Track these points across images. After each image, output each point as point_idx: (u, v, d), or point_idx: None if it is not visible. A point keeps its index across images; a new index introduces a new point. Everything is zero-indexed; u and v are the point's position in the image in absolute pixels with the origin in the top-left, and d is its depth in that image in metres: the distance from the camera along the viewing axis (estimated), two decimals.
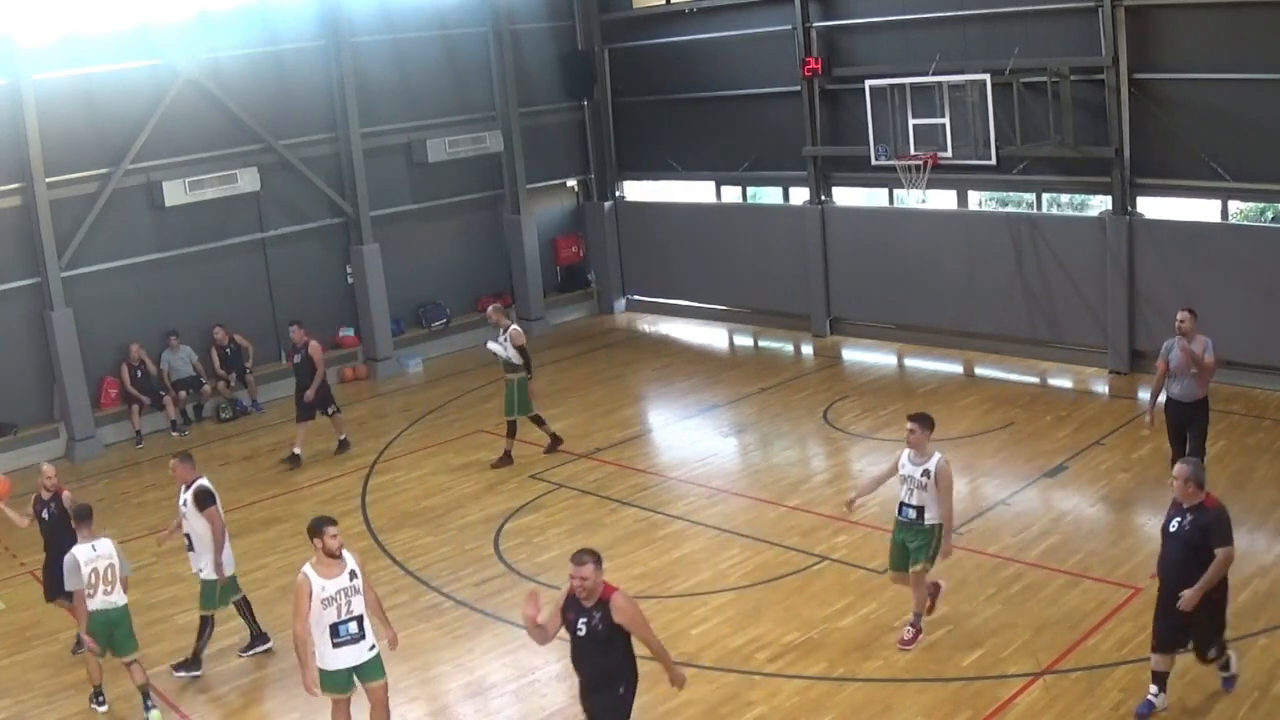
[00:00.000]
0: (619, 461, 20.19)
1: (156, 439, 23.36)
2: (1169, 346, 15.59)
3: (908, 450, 12.95)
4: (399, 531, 17.80)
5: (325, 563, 10.86)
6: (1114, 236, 21.98)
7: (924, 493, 12.70)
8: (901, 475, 12.95)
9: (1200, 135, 20.90)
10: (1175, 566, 10.93)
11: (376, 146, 26.97)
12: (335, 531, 10.96)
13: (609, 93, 30.77)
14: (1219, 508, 10.90)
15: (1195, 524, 10.81)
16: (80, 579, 12.56)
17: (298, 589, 10.72)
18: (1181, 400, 15.67)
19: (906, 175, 23.14)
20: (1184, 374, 15.44)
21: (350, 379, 26.65)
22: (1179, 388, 15.63)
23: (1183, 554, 10.83)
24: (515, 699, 12.79)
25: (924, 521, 12.76)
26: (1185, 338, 15.26)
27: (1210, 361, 15.30)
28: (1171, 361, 15.50)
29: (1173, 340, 15.54)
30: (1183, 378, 15.51)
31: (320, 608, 10.69)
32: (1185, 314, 15.36)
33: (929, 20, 23.76)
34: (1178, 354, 15.42)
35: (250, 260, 25.49)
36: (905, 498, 12.89)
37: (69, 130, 22.47)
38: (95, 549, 12.71)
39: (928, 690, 12.28)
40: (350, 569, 10.90)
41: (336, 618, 10.73)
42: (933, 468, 12.68)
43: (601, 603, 9.78)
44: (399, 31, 27.24)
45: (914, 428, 12.89)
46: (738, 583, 15.20)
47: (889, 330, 26.21)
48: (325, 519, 11.11)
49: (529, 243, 29.50)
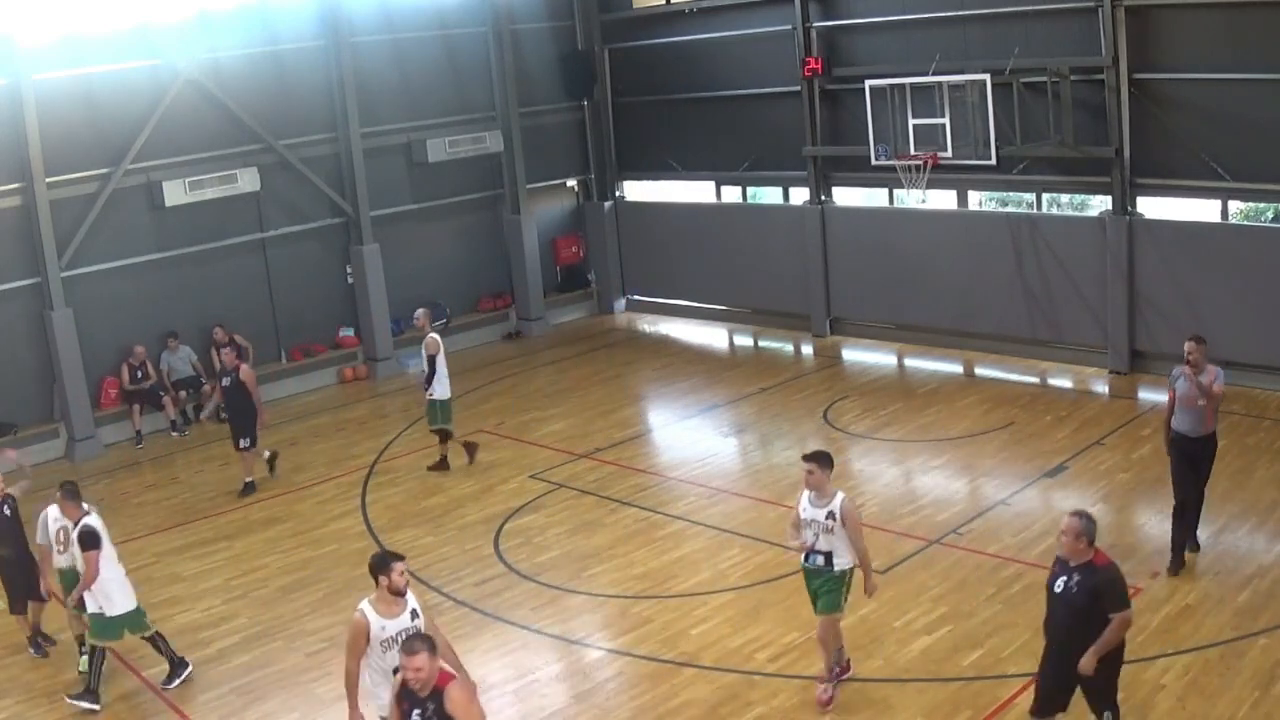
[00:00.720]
0: (619, 461, 20.18)
1: (157, 439, 23.37)
2: (1176, 375, 14.59)
3: (808, 493, 11.95)
4: (399, 531, 17.78)
5: (386, 600, 9.87)
6: (1114, 236, 21.98)
7: (831, 536, 11.80)
8: (804, 520, 11.98)
9: (1200, 135, 20.90)
10: (1061, 630, 10.08)
11: (376, 146, 26.97)
12: (403, 568, 9.91)
13: (609, 93, 30.79)
14: (1110, 566, 10.04)
15: (1083, 585, 9.89)
16: (48, 536, 13.65)
17: (354, 628, 9.85)
18: (1189, 435, 14.46)
19: (906, 175, 23.14)
20: (1192, 406, 14.31)
21: (350, 379, 26.66)
22: (1186, 421, 14.46)
23: (1069, 619, 9.96)
24: (515, 699, 12.79)
25: (833, 567, 11.88)
26: (1194, 369, 14.23)
27: (1219, 391, 14.31)
28: (1179, 391, 14.46)
29: (1180, 369, 14.51)
30: (1190, 410, 14.37)
31: (380, 650, 9.81)
32: (1193, 344, 14.32)
33: (929, 20, 23.76)
34: (1185, 385, 14.37)
35: (250, 260, 25.48)
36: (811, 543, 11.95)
37: (69, 130, 22.47)
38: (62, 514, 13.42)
39: (927, 690, 12.28)
40: (412, 608, 9.95)
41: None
42: (837, 509, 11.75)
43: (436, 692, 8.69)
44: (399, 31, 27.24)
45: (812, 468, 11.82)
46: (738, 583, 15.20)
47: (889, 330, 26.21)
48: (393, 554, 10.06)
49: (529, 243, 29.50)
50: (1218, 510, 15.95)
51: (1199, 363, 14.23)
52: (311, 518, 18.67)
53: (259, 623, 15.00)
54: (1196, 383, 14.18)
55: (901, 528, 16.40)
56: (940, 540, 15.87)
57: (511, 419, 22.93)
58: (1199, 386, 14.17)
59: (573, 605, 15.01)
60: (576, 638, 14.16)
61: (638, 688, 12.83)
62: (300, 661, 13.95)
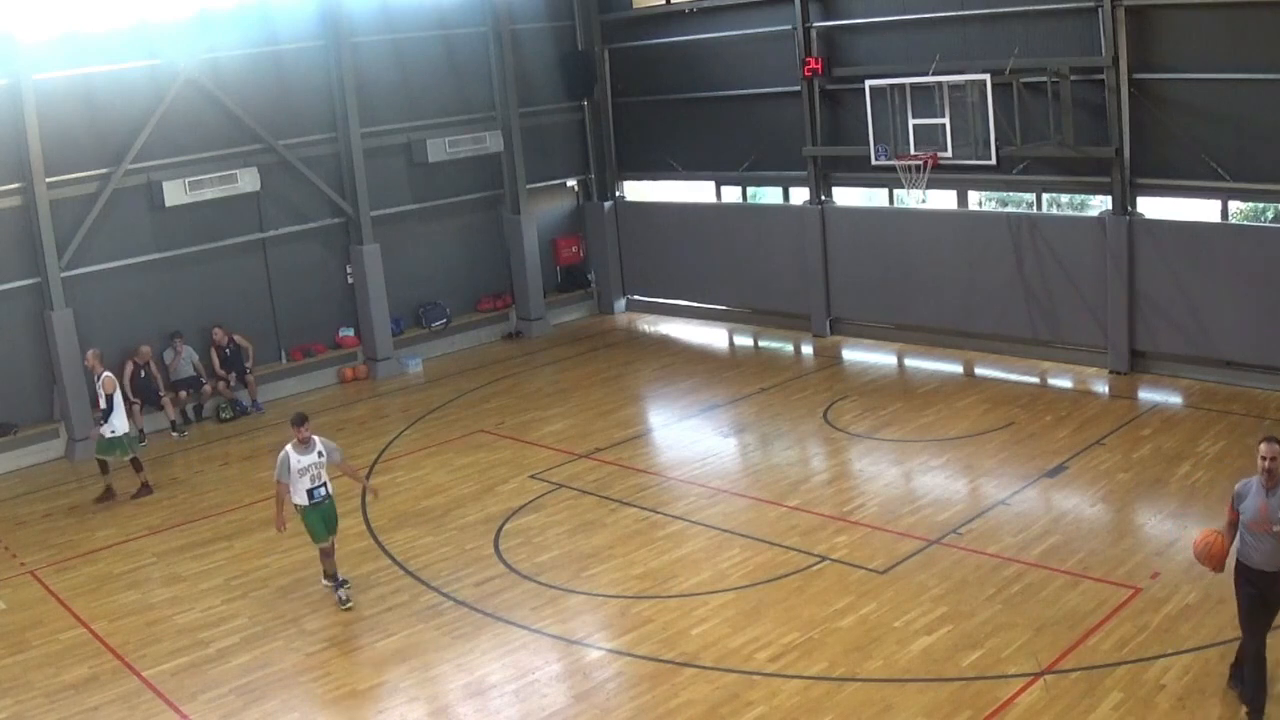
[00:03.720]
0: (619, 461, 20.18)
1: (156, 439, 23.33)
2: (1243, 491, 11.06)
3: None
4: (399, 531, 17.78)
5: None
6: (1114, 236, 21.98)
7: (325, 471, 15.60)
8: None
9: (1200, 135, 20.90)
10: None
11: (376, 146, 26.97)
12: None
13: (609, 93, 30.78)
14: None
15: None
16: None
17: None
18: (1263, 569, 10.89)
19: (906, 175, 23.16)
20: (1266, 531, 10.76)
21: (350, 379, 26.65)
22: (1258, 552, 10.87)
23: None
24: (515, 699, 12.78)
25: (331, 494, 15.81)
26: (1272, 480, 10.76)
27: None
28: (1244, 514, 10.94)
29: (1249, 482, 11.06)
30: (1262, 539, 10.81)
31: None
32: (1273, 446, 10.84)
33: (929, 20, 23.76)
34: (1254, 504, 10.86)
35: (250, 260, 25.47)
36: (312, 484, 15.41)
37: (69, 130, 22.47)
38: None
39: (928, 690, 12.27)
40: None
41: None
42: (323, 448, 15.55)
43: None
44: (399, 31, 27.24)
45: None
46: (738, 583, 15.19)
47: (889, 330, 26.21)
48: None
49: (529, 243, 29.50)
50: (1217, 510, 15.90)
51: None
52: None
53: (259, 623, 14.99)
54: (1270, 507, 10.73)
55: (901, 528, 16.40)
56: (940, 540, 15.86)
57: (511, 419, 22.92)
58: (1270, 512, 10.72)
59: (573, 605, 15.00)
60: (576, 638, 14.16)
61: (638, 688, 12.83)
62: (300, 661, 13.94)
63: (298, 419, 15.26)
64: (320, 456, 15.26)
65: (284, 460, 15.09)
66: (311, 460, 15.17)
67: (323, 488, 15.32)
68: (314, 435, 15.31)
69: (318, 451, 15.24)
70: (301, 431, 15.09)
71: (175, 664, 14.05)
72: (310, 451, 15.17)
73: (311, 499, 15.22)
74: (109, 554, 17.75)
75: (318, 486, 15.25)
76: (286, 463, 15.07)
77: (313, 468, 15.18)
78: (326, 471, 15.38)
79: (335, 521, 15.69)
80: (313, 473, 15.18)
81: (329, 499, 15.45)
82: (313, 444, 15.21)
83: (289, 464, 15.06)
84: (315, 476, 15.21)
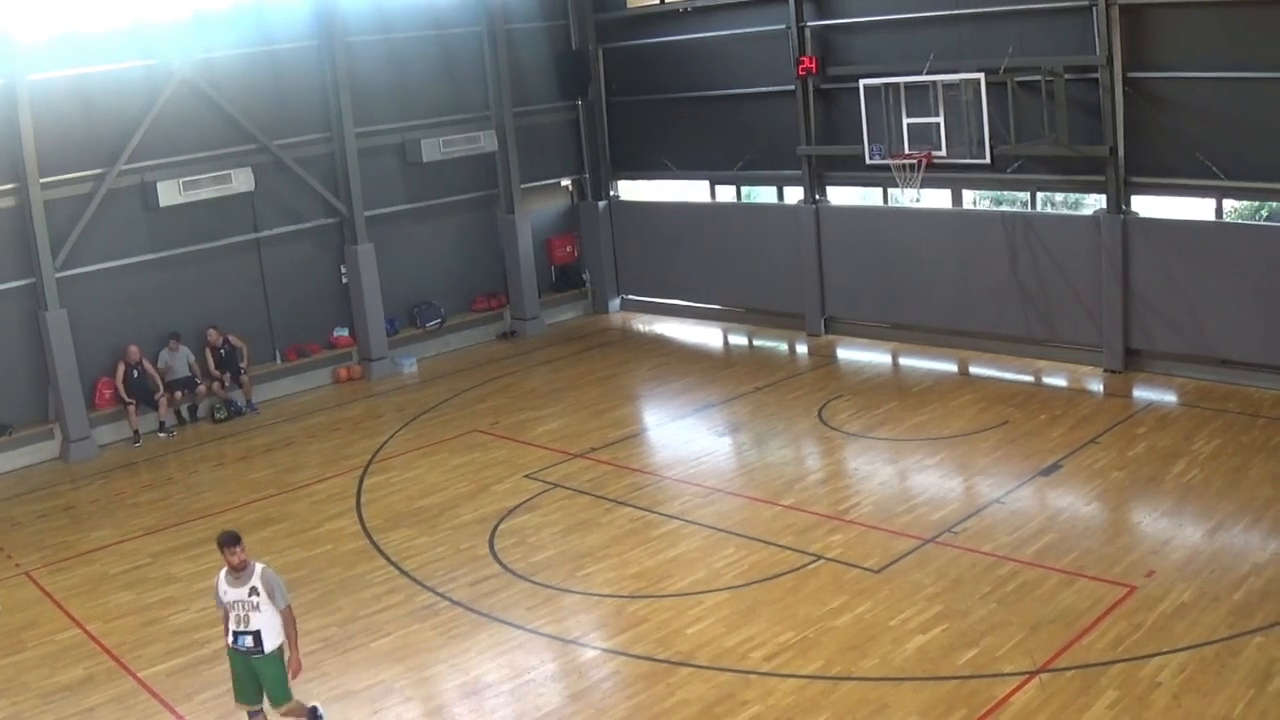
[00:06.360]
0: (614, 461, 20.18)
1: (153, 439, 23.32)
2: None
3: None
4: (394, 531, 17.78)
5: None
6: (1108, 235, 21.99)
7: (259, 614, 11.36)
8: None
9: (1195, 134, 20.91)
10: None
11: (371, 146, 26.94)
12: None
13: (603, 92, 30.76)
14: None
15: None
16: None
17: None
18: None
19: (901, 174, 23.17)
20: None
21: (345, 379, 26.63)
22: None
23: None
24: (511, 699, 12.78)
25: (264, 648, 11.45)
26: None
27: None
28: None
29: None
30: None
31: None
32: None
33: (923, 19, 23.76)
34: None
35: (244, 260, 25.44)
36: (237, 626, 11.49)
37: (64, 130, 22.42)
38: None
39: (923, 689, 12.29)
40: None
41: None
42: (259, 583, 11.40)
43: None
44: (393, 31, 27.21)
45: None
46: (733, 582, 15.20)
47: (884, 329, 26.22)
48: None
49: (523, 242, 29.49)
50: (1212, 508, 16.00)
51: None
52: (306, 518, 18.66)
53: None
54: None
55: (896, 527, 16.41)
56: (935, 539, 15.87)
57: (506, 419, 22.92)
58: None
59: (568, 605, 15.00)
60: (572, 637, 14.16)
61: (633, 687, 12.83)
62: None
63: (227, 539, 11.43)
64: (254, 595, 11.35)
65: (215, 587, 11.70)
66: (240, 596, 11.37)
67: (249, 637, 11.40)
68: (256, 563, 11.55)
69: (251, 587, 11.36)
70: (230, 555, 11.36)
71: (171, 664, 14.06)
72: (242, 584, 11.38)
73: (235, 645, 11.54)
74: (104, 555, 17.75)
75: (243, 633, 11.43)
76: (215, 590, 11.68)
77: (240, 606, 11.39)
78: (265, 615, 11.43)
79: (277, 689, 11.74)
80: (239, 613, 11.41)
81: (263, 656, 11.50)
82: (249, 573, 11.41)
83: (216, 592, 11.64)
84: (242, 619, 11.40)
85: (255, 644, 11.38)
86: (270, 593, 11.35)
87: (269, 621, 11.39)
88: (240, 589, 11.33)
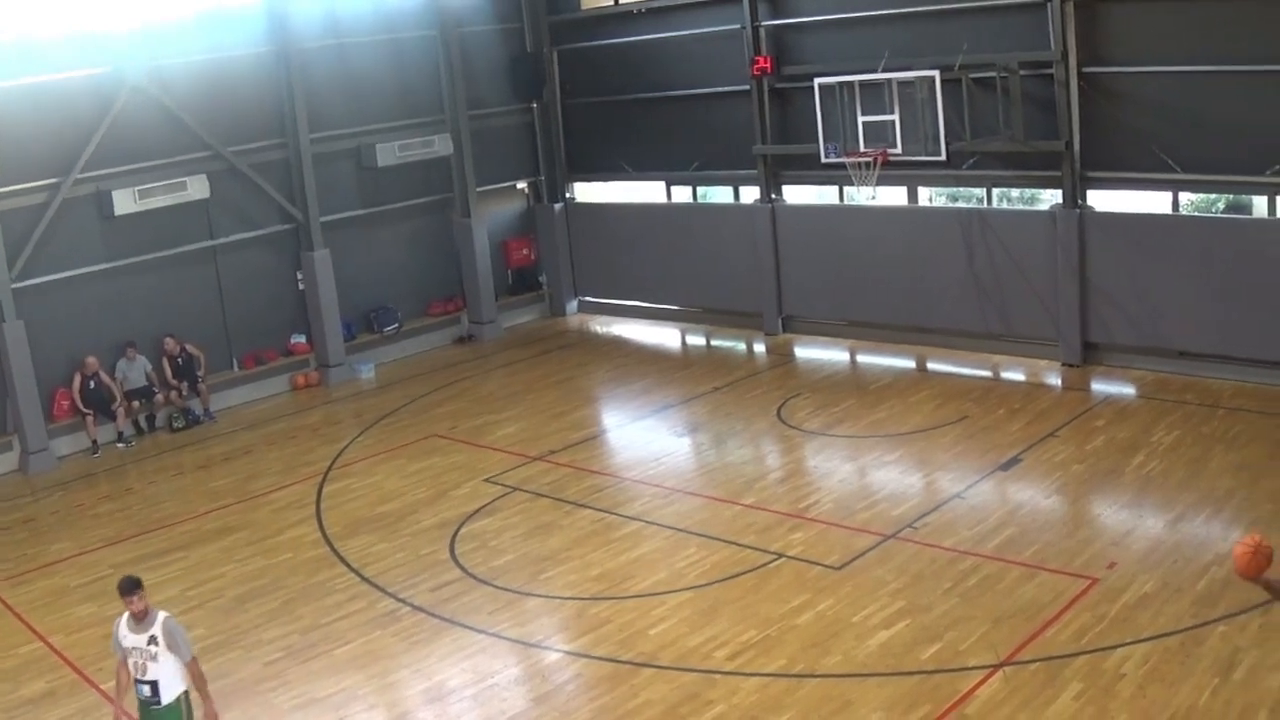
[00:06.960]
0: (574, 463, 20.14)
1: (112, 449, 23.13)
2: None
3: None
4: (354, 538, 17.67)
5: None
6: (1065, 230, 22.10)
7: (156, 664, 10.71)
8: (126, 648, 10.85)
9: (1150, 128, 21.03)
10: None
11: (326, 152, 26.79)
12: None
13: (558, 94, 30.70)
14: None
15: None
16: None
17: None
18: None
19: (857, 173, 23.21)
20: None
21: (302, 386, 26.48)
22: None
23: None
24: (475, 704, 12.72)
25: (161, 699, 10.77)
26: None
27: None
28: None
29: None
30: None
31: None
32: None
33: (877, 18, 23.81)
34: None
35: (201, 268, 25.24)
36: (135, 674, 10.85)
37: (17, 140, 22.16)
38: None
39: (887, 684, 12.29)
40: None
41: None
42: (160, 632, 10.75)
43: None
44: (346, 36, 27.06)
45: None
46: (695, 582, 15.17)
47: (841, 327, 26.26)
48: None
49: (480, 246, 29.40)
50: (1174, 499, 16.09)
51: None
52: (266, 526, 18.53)
53: (217, 632, 14.85)
54: None
55: (857, 523, 16.43)
56: (896, 535, 15.89)
57: (465, 423, 22.84)
58: None
59: (530, 608, 14.96)
60: (535, 640, 14.11)
61: (597, 689, 12.80)
62: (258, 671, 13.82)
63: (127, 585, 10.81)
64: (152, 645, 10.67)
65: (114, 631, 10.97)
66: (139, 644, 10.71)
67: (147, 686, 10.74)
68: (159, 611, 10.90)
69: (150, 636, 10.69)
70: (131, 602, 10.73)
71: None
72: (143, 632, 10.71)
73: (138, 695, 10.88)
74: (65, 566, 17.56)
75: (142, 682, 10.76)
76: (114, 634, 10.94)
77: (138, 654, 10.73)
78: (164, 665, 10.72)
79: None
80: (136, 660, 10.76)
81: (159, 706, 10.79)
82: (150, 620, 10.75)
83: (115, 637, 10.92)
84: (140, 667, 10.74)
85: (152, 694, 10.75)
86: (170, 643, 10.71)
87: (167, 671, 10.73)
88: (139, 636, 10.72)
